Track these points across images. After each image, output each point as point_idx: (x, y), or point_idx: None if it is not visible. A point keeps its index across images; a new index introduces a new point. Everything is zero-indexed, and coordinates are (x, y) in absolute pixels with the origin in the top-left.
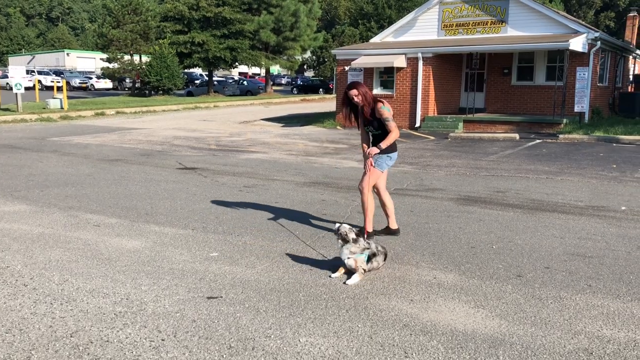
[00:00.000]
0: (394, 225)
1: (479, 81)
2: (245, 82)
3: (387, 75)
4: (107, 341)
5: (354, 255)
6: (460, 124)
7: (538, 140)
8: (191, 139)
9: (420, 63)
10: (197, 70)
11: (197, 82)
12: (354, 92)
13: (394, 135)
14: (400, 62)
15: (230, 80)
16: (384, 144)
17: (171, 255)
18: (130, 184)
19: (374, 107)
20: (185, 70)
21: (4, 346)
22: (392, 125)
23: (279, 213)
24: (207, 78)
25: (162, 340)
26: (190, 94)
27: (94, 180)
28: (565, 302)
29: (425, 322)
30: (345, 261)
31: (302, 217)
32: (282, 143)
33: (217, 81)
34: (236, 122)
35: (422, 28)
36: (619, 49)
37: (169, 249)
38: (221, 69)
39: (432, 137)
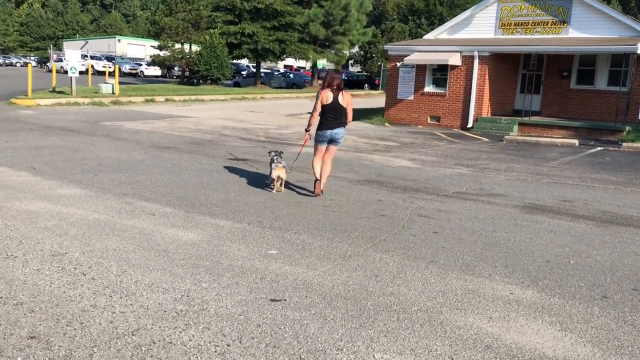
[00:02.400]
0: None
1: (536, 83)
2: (291, 75)
3: (441, 73)
4: (170, 342)
5: None
6: (515, 127)
7: (599, 148)
8: (240, 129)
9: (476, 62)
10: (244, 62)
11: (244, 73)
12: None
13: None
14: (455, 60)
15: (277, 73)
16: None
17: (229, 250)
18: (183, 172)
19: None
20: (233, 61)
21: (65, 340)
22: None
23: (334, 211)
24: (253, 69)
25: (227, 345)
26: (237, 84)
27: (146, 167)
28: None
29: (509, 344)
30: None
31: (360, 217)
32: None
33: (264, 73)
34: (283, 114)
35: (479, 26)
36: None
37: (227, 244)
38: (268, 61)
39: (486, 139)
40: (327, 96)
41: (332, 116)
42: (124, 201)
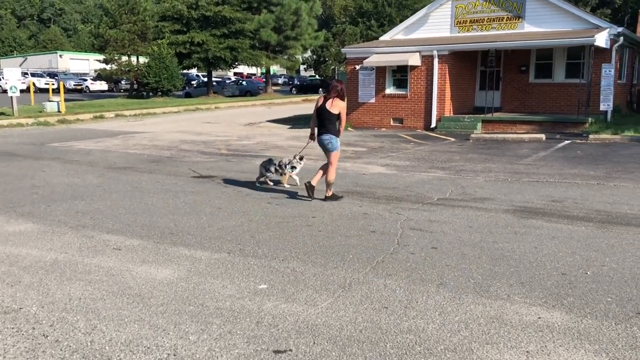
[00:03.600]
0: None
1: (496, 79)
2: (244, 83)
3: (401, 74)
4: None
5: None
6: (479, 124)
7: (567, 141)
8: (199, 142)
9: (436, 61)
10: (194, 71)
11: (194, 83)
12: None
13: None
14: (414, 60)
15: (229, 81)
16: None
17: (213, 288)
18: (146, 196)
19: None
20: (183, 71)
21: None
22: None
23: (320, 230)
24: (203, 79)
25: None
26: (188, 95)
27: (104, 192)
28: None
29: None
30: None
31: (349, 236)
32: (295, 146)
33: (215, 82)
34: (241, 124)
35: (435, 25)
36: (637, 45)
37: (208, 280)
38: (220, 70)
39: (452, 139)
40: (318, 102)
41: (320, 122)
42: (84, 235)
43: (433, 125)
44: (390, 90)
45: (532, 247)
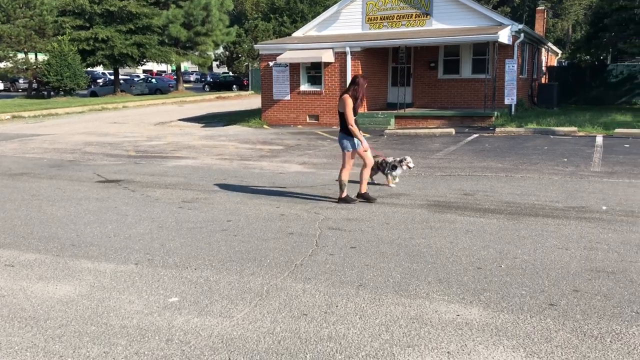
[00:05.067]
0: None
1: (407, 75)
2: (154, 80)
3: (315, 71)
4: None
5: None
6: (392, 120)
7: (475, 135)
8: (105, 144)
9: (349, 57)
10: (99, 69)
11: (100, 81)
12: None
13: None
14: (328, 56)
15: (138, 79)
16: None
17: (118, 304)
18: (44, 204)
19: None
20: (88, 69)
21: None
22: None
23: (236, 235)
24: (111, 77)
25: None
26: (94, 94)
27: None
28: (625, 338)
29: None
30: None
31: (266, 239)
32: (210, 146)
33: (123, 80)
34: (151, 123)
35: (346, 21)
36: (536, 41)
37: (114, 295)
38: (127, 67)
39: (367, 135)
40: None
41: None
42: None
43: None
44: (305, 87)
45: (448, 242)
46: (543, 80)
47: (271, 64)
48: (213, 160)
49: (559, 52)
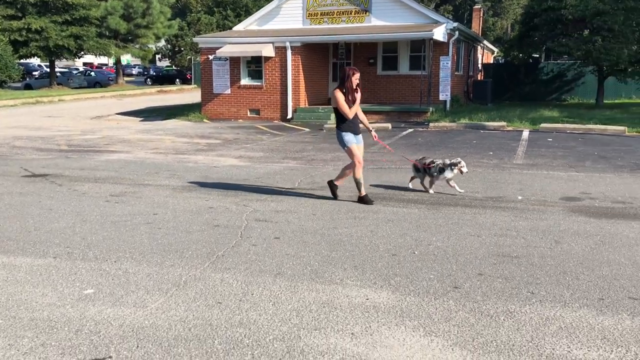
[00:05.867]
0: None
1: (340, 72)
2: (93, 74)
3: (255, 65)
4: None
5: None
6: (333, 115)
7: (410, 130)
8: (36, 138)
9: (289, 52)
10: (35, 61)
11: (36, 74)
12: (358, 75)
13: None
14: (268, 51)
15: (76, 72)
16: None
17: (30, 297)
18: None
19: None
20: (21, 61)
21: None
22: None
23: (160, 228)
24: (47, 69)
25: None
26: (28, 86)
27: None
28: (517, 316)
29: None
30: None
31: (191, 232)
32: (145, 140)
33: (60, 73)
34: (88, 117)
35: (287, 16)
36: (471, 39)
37: (27, 289)
38: (65, 59)
39: (307, 129)
40: None
41: None
42: None
43: (289, 116)
44: (245, 81)
45: (369, 231)
46: (479, 77)
47: (211, 57)
48: (147, 154)
49: (495, 50)
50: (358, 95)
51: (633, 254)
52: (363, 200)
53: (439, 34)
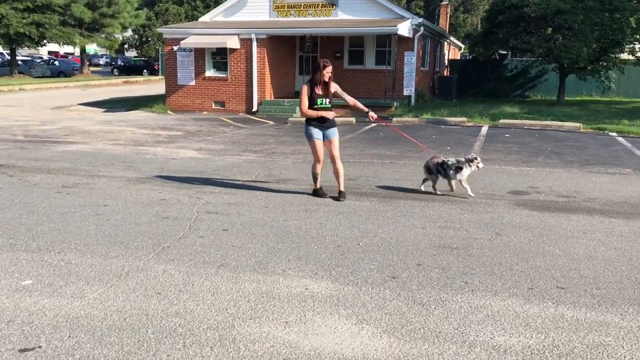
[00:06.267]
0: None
1: (313, 65)
2: (56, 63)
3: (221, 57)
4: None
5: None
6: (298, 108)
7: (373, 124)
8: None
9: (255, 44)
10: None
11: None
12: (330, 69)
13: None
14: (233, 43)
15: (39, 61)
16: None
17: None
18: None
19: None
20: None
21: None
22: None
23: (109, 219)
24: (8, 57)
25: None
26: None
27: None
28: (448, 305)
29: (308, 352)
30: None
31: (139, 223)
32: (106, 131)
33: (22, 61)
34: (48, 107)
35: (254, 8)
36: (437, 35)
37: None
38: (26, 47)
39: (272, 122)
40: None
41: None
42: None
43: (255, 109)
44: (210, 72)
45: (318, 223)
46: (445, 73)
47: (175, 48)
48: (106, 145)
49: (462, 46)
50: (334, 87)
51: (567, 246)
52: (317, 193)
53: (404, 29)
